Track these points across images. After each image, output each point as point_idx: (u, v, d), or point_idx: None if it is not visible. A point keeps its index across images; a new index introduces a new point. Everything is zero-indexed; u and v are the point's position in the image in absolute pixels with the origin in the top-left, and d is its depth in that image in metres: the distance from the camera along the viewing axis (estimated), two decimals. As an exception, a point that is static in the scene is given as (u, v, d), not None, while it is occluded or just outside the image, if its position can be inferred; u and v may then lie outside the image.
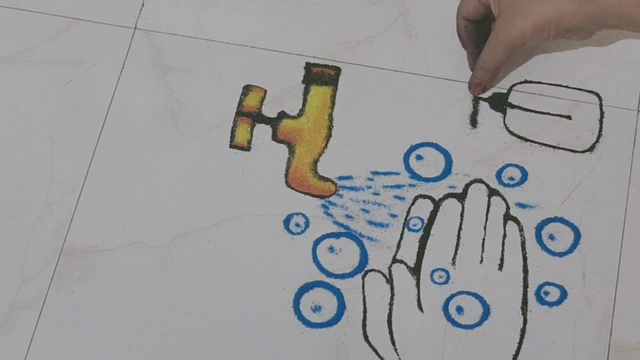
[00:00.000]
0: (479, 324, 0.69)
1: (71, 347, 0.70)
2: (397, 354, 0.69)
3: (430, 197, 0.73)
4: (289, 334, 0.70)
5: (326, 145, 0.76)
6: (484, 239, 0.72)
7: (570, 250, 0.71)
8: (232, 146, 0.76)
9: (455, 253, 0.72)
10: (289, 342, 0.69)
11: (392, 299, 0.70)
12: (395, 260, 0.72)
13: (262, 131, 0.77)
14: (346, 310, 0.70)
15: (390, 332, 0.69)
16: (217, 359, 0.69)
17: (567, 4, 0.68)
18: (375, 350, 0.69)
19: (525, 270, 0.71)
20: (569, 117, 0.76)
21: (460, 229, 0.72)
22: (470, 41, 0.76)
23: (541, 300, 0.70)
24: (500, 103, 0.77)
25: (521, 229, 0.72)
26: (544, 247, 0.71)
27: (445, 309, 0.70)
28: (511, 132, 0.75)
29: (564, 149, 0.75)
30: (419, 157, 0.75)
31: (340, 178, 0.75)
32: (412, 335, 0.69)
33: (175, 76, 0.79)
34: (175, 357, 0.69)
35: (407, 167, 0.75)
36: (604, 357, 0.68)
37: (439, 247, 0.72)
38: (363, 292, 0.71)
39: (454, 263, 0.71)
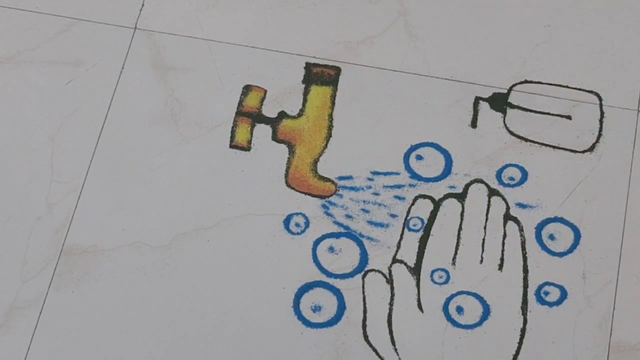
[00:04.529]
0: (479, 324, 0.69)
1: (71, 347, 0.70)
2: (397, 354, 0.69)
3: (430, 197, 0.73)
4: (289, 334, 0.70)
5: (326, 145, 0.76)
6: (484, 239, 0.72)
7: (570, 250, 0.71)
8: (232, 146, 0.76)
9: (455, 253, 0.71)
10: (289, 342, 0.69)
11: (392, 299, 0.70)
12: (395, 260, 0.71)
13: (262, 131, 0.77)
14: (346, 310, 0.70)
15: (390, 332, 0.69)
16: (217, 358, 0.69)
17: None
18: (375, 350, 0.69)
19: (525, 270, 0.71)
20: (569, 117, 0.76)
21: (460, 229, 0.72)
22: None
23: (541, 300, 0.70)
24: (500, 103, 0.77)
25: (521, 229, 0.72)
26: (544, 247, 0.71)
27: (445, 309, 0.70)
28: (511, 132, 0.75)
29: (564, 149, 0.75)
30: (419, 157, 0.75)
31: (340, 178, 0.75)
32: (412, 335, 0.69)
33: (175, 76, 0.79)
34: (175, 357, 0.69)
35: (407, 167, 0.75)
36: (604, 357, 0.68)
37: (439, 247, 0.72)
38: (363, 292, 0.71)
39: (454, 263, 0.71)
